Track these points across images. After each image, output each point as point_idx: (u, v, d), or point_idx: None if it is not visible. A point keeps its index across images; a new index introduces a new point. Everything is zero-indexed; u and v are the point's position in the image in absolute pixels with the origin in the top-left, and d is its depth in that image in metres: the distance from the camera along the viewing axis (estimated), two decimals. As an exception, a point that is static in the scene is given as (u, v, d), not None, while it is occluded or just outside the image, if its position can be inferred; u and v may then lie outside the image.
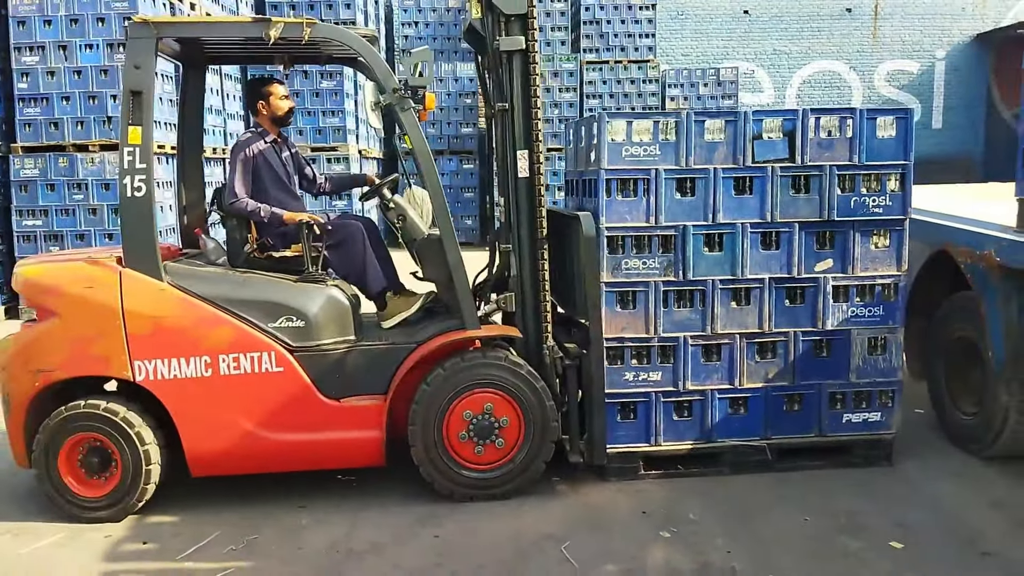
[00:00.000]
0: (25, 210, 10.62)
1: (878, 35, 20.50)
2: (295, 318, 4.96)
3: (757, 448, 5.40)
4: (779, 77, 20.61)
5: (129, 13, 9.87)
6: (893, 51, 20.56)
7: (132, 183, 4.81)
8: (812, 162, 5.24)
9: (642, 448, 5.40)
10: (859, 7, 20.52)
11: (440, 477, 5.03)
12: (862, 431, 5.45)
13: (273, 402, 4.90)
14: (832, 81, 20.58)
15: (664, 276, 5.30)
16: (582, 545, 4.50)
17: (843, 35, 20.52)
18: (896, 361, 5.43)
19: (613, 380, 5.32)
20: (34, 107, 10.55)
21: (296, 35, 4.88)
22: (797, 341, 5.36)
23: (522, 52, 5.08)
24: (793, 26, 20.33)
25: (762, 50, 20.54)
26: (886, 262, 5.34)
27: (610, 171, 5.24)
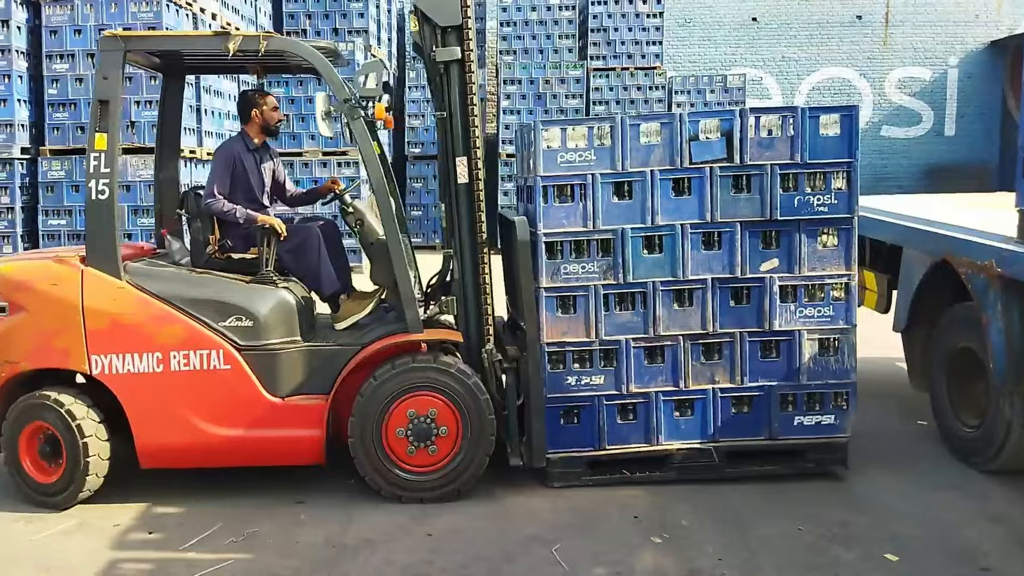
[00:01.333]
0: (51, 210, 10.03)
1: (889, 42, 18.64)
2: (243, 318, 4.54)
3: (705, 451, 4.61)
4: (787, 84, 18.74)
5: (154, 23, 9.50)
6: (904, 58, 18.63)
7: (97, 186, 4.51)
8: (752, 161, 4.46)
9: (586, 452, 4.67)
10: (869, 14, 18.56)
11: (378, 477, 4.50)
12: (815, 434, 4.61)
13: (220, 398, 4.52)
14: (842, 88, 18.72)
15: (604, 280, 4.57)
16: (571, 547, 4.00)
17: (853, 42, 18.58)
18: (849, 363, 4.59)
19: (556, 384, 4.63)
20: (62, 112, 9.99)
21: (253, 47, 4.51)
22: (744, 342, 4.56)
23: (458, 62, 4.47)
24: (802, 33, 18.46)
25: (770, 57, 18.71)
26: (835, 261, 4.52)
27: (546, 178, 4.55)
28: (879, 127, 18.80)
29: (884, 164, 18.84)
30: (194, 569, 3.87)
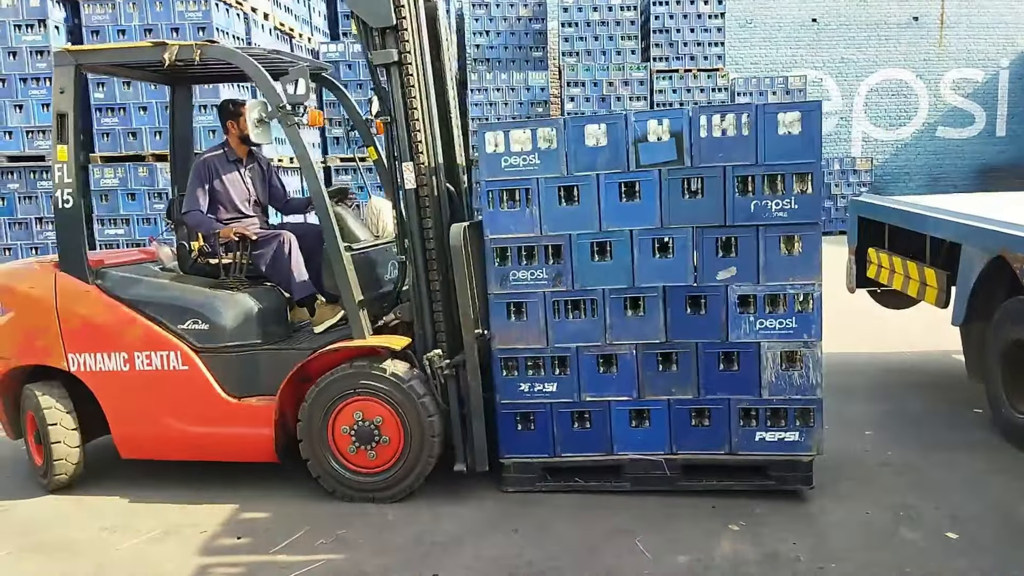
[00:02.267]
0: (107, 219, 9.17)
1: (944, 43, 17.12)
2: (200, 321, 4.31)
3: (661, 463, 3.97)
4: (847, 85, 17.40)
5: (203, 24, 8.76)
6: (959, 59, 17.11)
7: (62, 196, 4.36)
8: (704, 164, 3.79)
9: (541, 459, 4.13)
10: (925, 16, 17.10)
11: (329, 478, 4.18)
12: (777, 451, 3.92)
13: (180, 397, 4.33)
14: (899, 89, 17.31)
15: (553, 287, 3.99)
16: (653, 538, 3.67)
17: (910, 43, 17.15)
18: (815, 378, 3.87)
19: (509, 390, 4.11)
20: (111, 116, 9.08)
21: (189, 57, 4.17)
22: (701, 353, 3.91)
23: (397, 64, 3.96)
24: (860, 34, 17.07)
25: (830, 58, 17.32)
26: (798, 270, 3.79)
27: (490, 182, 4.01)
28: (934, 128, 17.37)
29: (939, 164, 17.42)
30: (286, 571, 3.55)
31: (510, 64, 15.63)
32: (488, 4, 15.77)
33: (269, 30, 10.63)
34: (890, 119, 17.56)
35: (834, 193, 16.14)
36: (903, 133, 17.55)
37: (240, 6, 9.73)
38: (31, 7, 8.80)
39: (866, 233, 6.35)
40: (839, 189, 16.11)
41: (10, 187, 9.11)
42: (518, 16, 15.81)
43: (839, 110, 17.60)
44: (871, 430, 5.01)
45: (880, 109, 17.55)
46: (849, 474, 4.34)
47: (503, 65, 15.41)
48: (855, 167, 16.41)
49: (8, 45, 8.80)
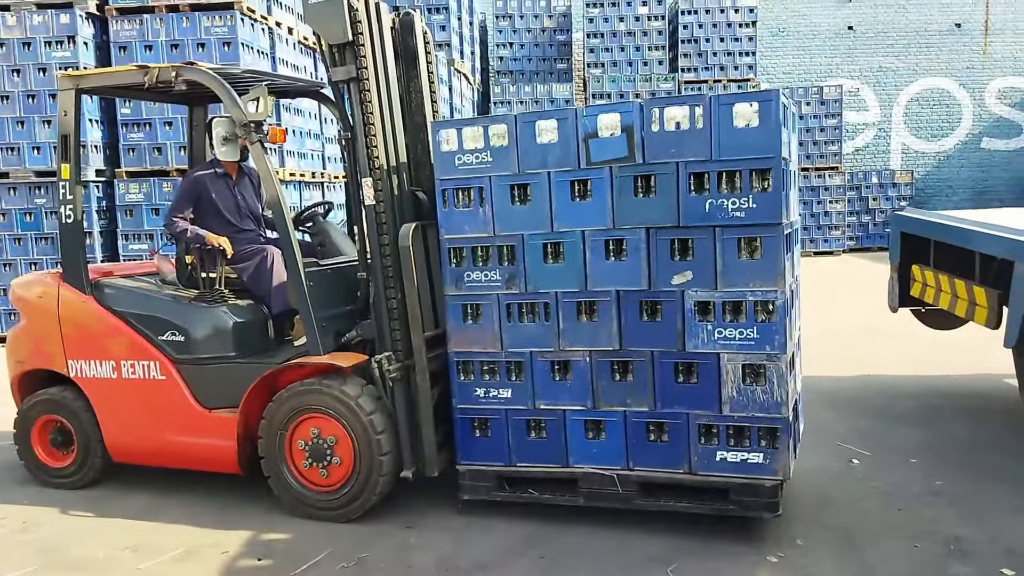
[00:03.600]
0: (131, 234, 8.94)
1: (989, 51, 15.91)
2: (177, 332, 4.24)
3: (618, 479, 3.58)
4: (885, 95, 16.29)
5: (229, 39, 8.56)
6: (1005, 68, 15.87)
7: (64, 212, 4.42)
8: (656, 160, 3.35)
9: (495, 467, 3.78)
10: (968, 22, 15.93)
11: (286, 493, 3.98)
12: (739, 473, 3.43)
13: (158, 405, 4.28)
14: (941, 99, 16.12)
15: (507, 289, 3.64)
16: (689, 567, 3.35)
17: (952, 51, 16.00)
18: (780, 395, 3.35)
19: (465, 395, 3.80)
20: (137, 132, 8.90)
21: (168, 78, 4.10)
22: (657, 363, 3.48)
23: (355, 80, 3.73)
24: (900, 42, 15.99)
25: (867, 67, 16.22)
26: (758, 276, 3.31)
27: (444, 181, 3.69)
28: (979, 139, 16.37)
29: (984, 177, 16.41)
30: (307, 593, 3.31)
31: (534, 76, 15.08)
32: (512, 16, 15.19)
33: (293, 44, 10.45)
34: (932, 130, 16.45)
35: (872, 207, 15.42)
36: (945, 144, 16.43)
37: (265, 21, 9.52)
38: (61, 24, 8.75)
39: (910, 249, 5.74)
40: (877, 203, 15.35)
41: (37, 202, 8.94)
42: (542, 27, 15.26)
43: (877, 121, 16.52)
44: (917, 458, 4.52)
45: (921, 120, 16.44)
46: (897, 503, 3.93)
47: (527, 77, 14.98)
48: (894, 180, 15.57)
49: (38, 61, 8.75)
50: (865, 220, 15.40)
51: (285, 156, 9.45)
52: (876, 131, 16.62)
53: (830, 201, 14.82)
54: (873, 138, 16.63)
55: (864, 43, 16.35)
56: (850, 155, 16.20)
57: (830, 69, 16.29)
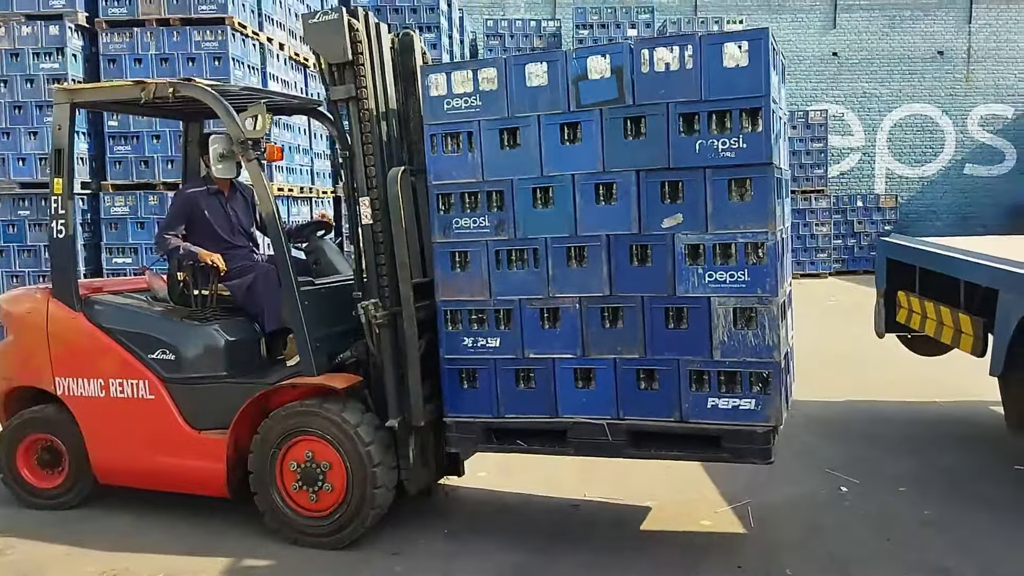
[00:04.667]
0: (115, 247, 8.75)
1: (971, 78, 16.24)
2: (167, 351, 4.16)
3: (608, 428, 3.54)
4: (869, 120, 16.60)
5: (219, 54, 8.53)
6: (987, 95, 16.22)
7: (56, 226, 4.34)
8: (646, 101, 3.37)
9: (483, 419, 3.73)
10: (951, 50, 16.31)
11: (274, 516, 3.92)
12: (731, 420, 3.40)
13: (147, 426, 4.17)
14: (924, 124, 16.42)
15: (496, 236, 3.63)
16: None
17: (935, 78, 16.34)
18: (771, 339, 3.33)
19: (453, 345, 3.76)
20: (124, 145, 8.75)
21: (165, 94, 4.07)
22: (647, 308, 3.46)
23: (355, 99, 3.74)
24: (883, 69, 16.33)
25: (852, 92, 16.54)
26: (749, 218, 3.31)
27: (432, 126, 3.69)
28: (962, 165, 16.64)
29: (967, 202, 16.65)
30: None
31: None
32: (502, 35, 15.29)
33: (284, 60, 10.52)
34: (915, 155, 16.72)
35: (857, 231, 15.58)
36: (929, 170, 16.69)
37: (256, 37, 9.55)
38: (50, 35, 8.68)
39: (896, 276, 5.82)
40: (863, 227, 15.50)
41: (21, 214, 8.74)
42: (532, 47, 15.27)
43: (862, 145, 16.76)
44: (906, 486, 4.53)
45: (904, 145, 16.70)
46: (886, 532, 3.94)
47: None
48: (879, 204, 15.77)
49: (26, 73, 8.65)
50: (851, 243, 15.55)
51: (274, 171, 9.43)
52: (861, 155, 16.88)
53: (816, 224, 14.97)
54: (858, 162, 16.90)
55: (849, 69, 16.69)
56: (836, 179, 16.42)
57: (815, 94, 16.56)
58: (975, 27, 16.36)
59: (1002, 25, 16.35)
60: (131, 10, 8.89)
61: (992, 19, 16.34)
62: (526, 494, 4.52)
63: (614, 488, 4.55)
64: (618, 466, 4.86)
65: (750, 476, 4.64)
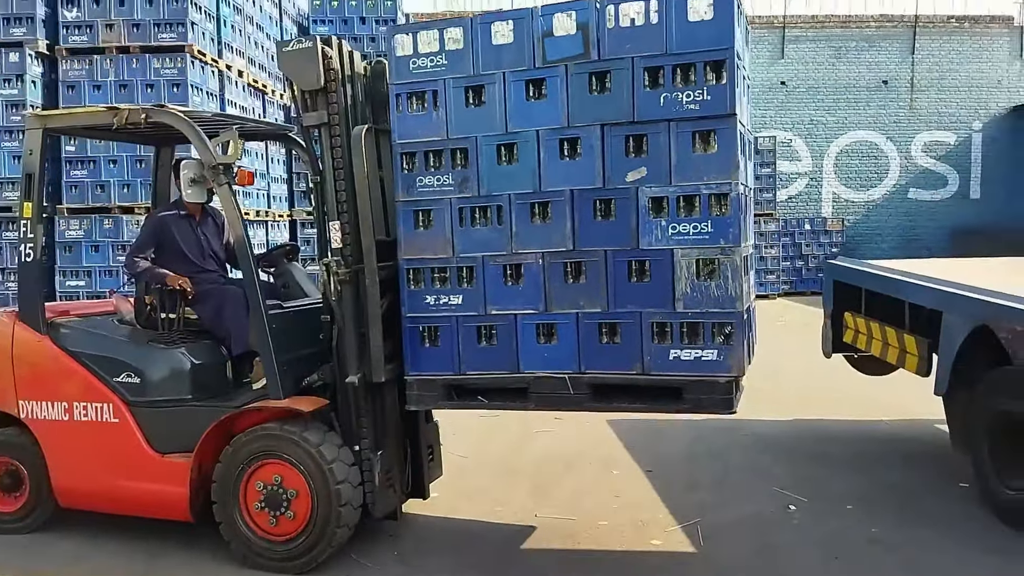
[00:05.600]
0: (69, 270, 8.89)
1: (915, 106, 16.88)
2: (132, 374, 4.14)
3: (570, 382, 3.55)
4: (816, 146, 17.14)
5: (178, 80, 8.73)
6: (930, 122, 16.86)
7: (24, 250, 4.36)
8: (611, 56, 3.44)
9: (445, 376, 3.72)
10: (895, 79, 16.94)
11: (236, 541, 3.90)
12: (693, 371, 3.44)
13: (111, 450, 4.14)
14: (869, 151, 17.00)
15: (460, 193, 3.65)
16: None
17: (880, 106, 16.93)
18: (733, 289, 3.40)
19: (415, 304, 3.76)
20: (81, 169, 8.92)
21: (138, 120, 4.09)
22: (610, 262, 3.50)
23: (326, 125, 3.79)
24: (829, 97, 16.90)
25: (799, 120, 17.08)
26: (713, 169, 3.37)
27: (398, 85, 3.72)
28: (906, 190, 17.25)
29: (912, 226, 17.23)
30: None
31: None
32: None
33: (243, 87, 10.70)
34: (860, 180, 17.27)
35: (805, 253, 16.00)
36: (874, 194, 17.26)
37: (215, 64, 9.72)
38: (10, 62, 8.81)
39: (842, 297, 6.04)
40: (811, 249, 15.95)
41: None
42: None
43: (809, 171, 17.25)
44: (853, 504, 4.62)
45: (850, 170, 17.24)
46: (834, 551, 4.00)
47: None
48: (826, 227, 16.26)
49: None
50: (799, 265, 15.93)
51: (241, 197, 9.53)
52: (808, 180, 17.38)
53: (766, 247, 15.31)
54: (805, 187, 17.38)
55: (796, 97, 17.26)
56: (784, 203, 16.86)
57: (764, 121, 17.03)
58: (918, 57, 17.07)
59: (944, 55, 17.11)
60: (92, 38, 9.06)
61: (935, 50, 17.10)
62: (479, 515, 4.53)
63: (566, 508, 4.59)
64: (571, 487, 4.97)
65: (700, 496, 4.77)
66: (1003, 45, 17.02)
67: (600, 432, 6.20)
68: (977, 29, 17.05)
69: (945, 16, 17.09)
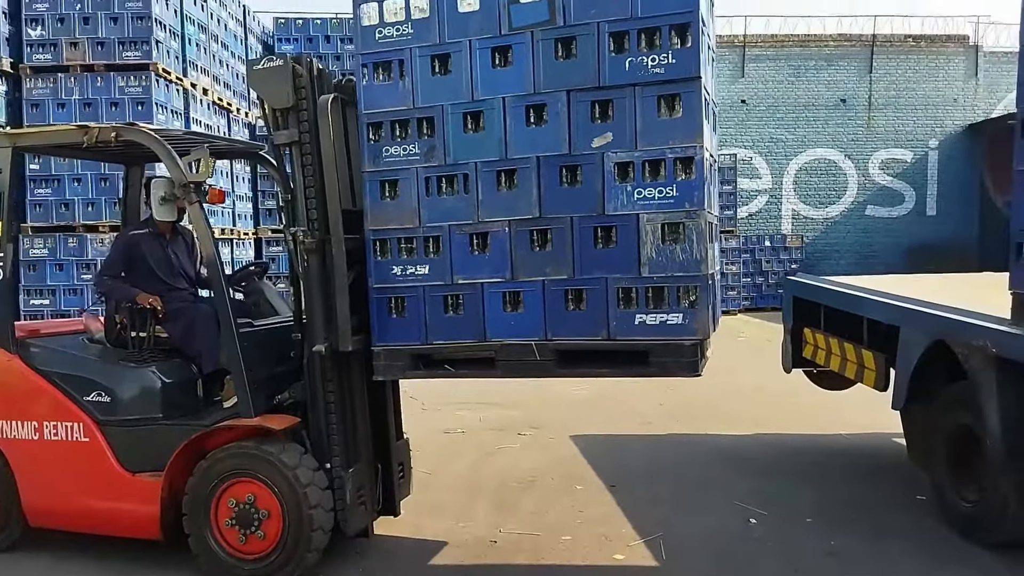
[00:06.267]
0: (33, 289, 8.86)
1: (872, 125, 17.38)
2: (103, 393, 4.13)
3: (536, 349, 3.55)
4: (776, 164, 17.53)
5: (143, 99, 8.74)
6: (887, 140, 17.36)
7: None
8: (577, 21, 3.47)
9: (411, 346, 3.70)
10: (853, 98, 17.45)
11: (206, 559, 3.91)
12: (659, 335, 3.45)
13: (81, 469, 4.13)
14: (828, 168, 17.44)
15: (426, 162, 3.65)
16: None
17: (838, 124, 17.41)
18: (699, 252, 3.42)
19: (381, 274, 3.75)
20: (45, 188, 8.93)
21: (108, 138, 4.09)
22: (576, 228, 3.52)
23: (297, 144, 3.81)
24: (789, 115, 17.34)
25: (759, 138, 17.47)
26: (678, 133, 3.40)
27: (365, 55, 3.72)
28: (864, 207, 17.65)
29: (869, 242, 17.60)
30: None
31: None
32: None
33: (208, 105, 10.76)
34: (819, 197, 17.66)
35: (765, 269, 16.26)
36: (833, 211, 17.64)
37: (180, 82, 9.74)
38: None
39: (802, 313, 6.17)
40: (770, 265, 16.22)
41: None
42: None
43: (769, 188, 17.60)
44: (813, 517, 4.70)
45: (809, 188, 17.62)
46: (794, 564, 4.06)
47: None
48: (786, 244, 16.58)
49: None
50: (759, 281, 16.19)
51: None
52: (768, 198, 17.70)
53: (726, 263, 15.51)
54: (765, 204, 17.70)
55: (756, 116, 17.62)
56: (744, 220, 17.13)
57: (725, 139, 17.27)
58: (875, 76, 17.56)
59: (901, 75, 17.64)
60: (56, 56, 9.04)
61: (891, 69, 17.61)
62: (443, 532, 4.52)
63: (530, 524, 4.62)
64: (534, 502, 5.00)
65: (663, 510, 4.83)
66: (959, 64, 17.61)
67: (563, 448, 6.26)
68: (933, 48, 17.64)
69: (902, 35, 17.62)
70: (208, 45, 10.94)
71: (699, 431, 6.79)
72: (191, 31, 10.28)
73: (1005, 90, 17.02)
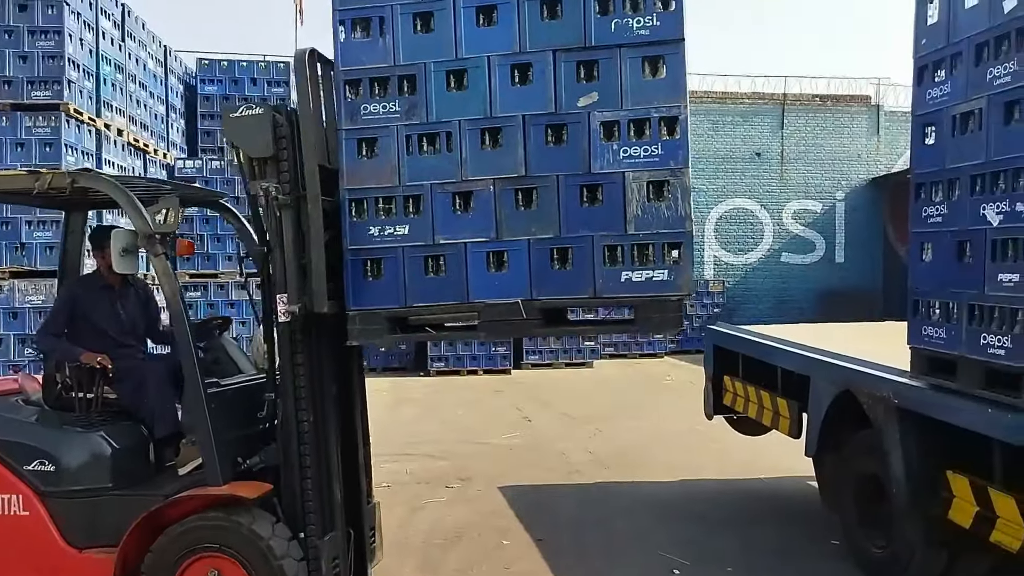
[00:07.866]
0: None
1: (785, 177, 18.35)
2: (46, 462, 3.77)
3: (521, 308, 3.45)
4: (698, 212, 17.93)
5: (51, 140, 8.39)
6: (798, 192, 18.35)
7: None
8: None
9: (389, 309, 3.55)
10: (768, 152, 18.39)
11: None
12: (644, 292, 3.44)
13: (20, 546, 3.75)
14: (745, 217, 18.29)
15: (407, 120, 3.56)
16: None
17: (754, 176, 18.32)
18: (683, 209, 3.44)
19: (358, 235, 3.59)
20: None
21: (62, 184, 3.83)
22: (562, 187, 3.49)
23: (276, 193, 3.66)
24: (709, 167, 18.03)
25: None
26: (663, 93, 3.45)
27: (343, 12, 3.63)
28: (779, 254, 18.38)
29: (785, 287, 18.28)
30: None
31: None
32: None
33: (123, 146, 10.38)
34: (738, 245, 18.40)
35: (690, 313, 16.60)
36: (751, 258, 18.37)
37: (93, 123, 9.38)
38: None
39: (722, 361, 6.39)
40: (694, 309, 16.61)
41: None
42: None
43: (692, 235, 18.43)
44: (733, 566, 4.80)
45: (729, 235, 18.34)
46: None
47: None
48: (708, 289, 17.09)
49: None
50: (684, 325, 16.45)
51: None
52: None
53: (654, 307, 15.80)
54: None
55: (679, 167, 18.17)
56: (669, 266, 17.52)
57: (649, 188, 17.83)
58: (787, 132, 18.56)
59: (810, 131, 18.71)
60: None
61: (801, 125, 18.68)
62: None
63: None
64: (460, 559, 5.00)
65: (590, 563, 4.88)
66: (862, 122, 18.78)
67: (491, 501, 6.21)
68: (839, 107, 18.82)
69: (810, 95, 18.78)
70: (125, 85, 10.59)
71: (627, 478, 6.89)
72: (107, 71, 9.91)
73: (904, 147, 18.17)
